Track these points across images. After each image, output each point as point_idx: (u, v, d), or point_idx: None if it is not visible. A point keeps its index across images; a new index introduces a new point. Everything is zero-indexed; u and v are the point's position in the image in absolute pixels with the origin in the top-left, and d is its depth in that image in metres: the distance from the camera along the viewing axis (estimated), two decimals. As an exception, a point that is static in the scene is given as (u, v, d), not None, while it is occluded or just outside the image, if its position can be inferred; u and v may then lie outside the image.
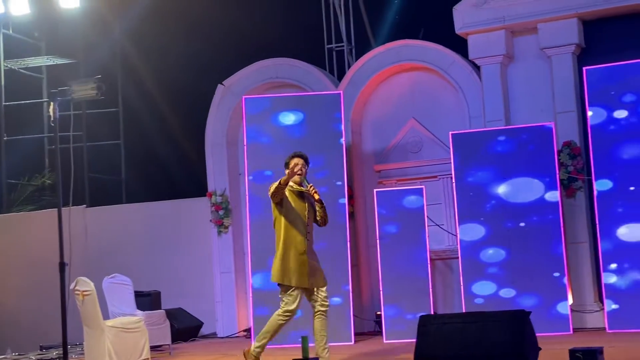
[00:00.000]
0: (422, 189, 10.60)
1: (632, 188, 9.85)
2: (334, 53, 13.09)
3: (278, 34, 13.37)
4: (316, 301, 7.91)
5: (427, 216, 10.57)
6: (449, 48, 11.41)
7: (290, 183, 7.83)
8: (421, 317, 6.80)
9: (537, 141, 10.19)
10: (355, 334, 10.53)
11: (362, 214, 11.81)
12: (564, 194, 10.39)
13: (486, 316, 6.77)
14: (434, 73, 11.57)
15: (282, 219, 7.83)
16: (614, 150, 9.96)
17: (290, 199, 7.82)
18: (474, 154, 10.45)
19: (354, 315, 10.56)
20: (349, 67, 12.44)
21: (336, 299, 10.35)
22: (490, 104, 11.01)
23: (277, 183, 7.67)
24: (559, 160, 10.25)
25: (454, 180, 10.54)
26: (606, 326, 9.89)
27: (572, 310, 10.07)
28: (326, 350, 7.85)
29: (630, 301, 9.76)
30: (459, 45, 11.35)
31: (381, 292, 10.53)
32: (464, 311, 10.09)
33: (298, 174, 7.81)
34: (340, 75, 12.61)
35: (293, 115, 10.95)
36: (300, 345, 7.16)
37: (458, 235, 10.46)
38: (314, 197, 7.83)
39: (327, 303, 7.93)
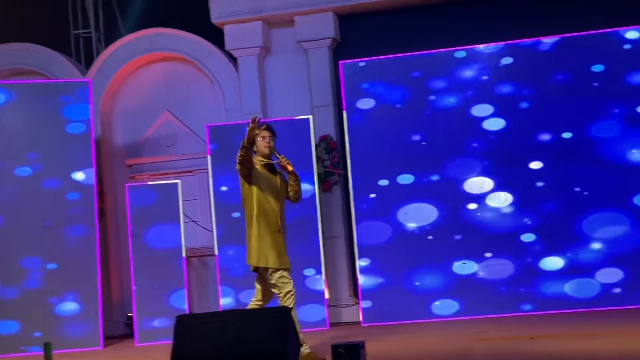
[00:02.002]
0: (177, 184, 10.10)
1: (384, 182, 9.95)
2: (81, 40, 12.28)
3: (19, 17, 12.32)
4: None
5: (183, 212, 10.10)
6: (205, 38, 11.04)
7: (260, 157, 7.05)
8: (178, 317, 6.32)
9: (295, 135, 10.02)
10: (105, 338, 9.84)
11: (112, 211, 11.14)
12: (321, 188, 10.32)
13: (247, 314, 6.44)
14: (190, 64, 11.17)
15: (254, 194, 6.96)
16: (367, 144, 10.02)
17: (260, 172, 7.01)
18: (231, 148, 10.10)
19: (102, 318, 9.85)
20: (98, 55, 11.70)
21: (73, 305, 9.62)
22: (247, 96, 10.76)
23: (240, 149, 6.77)
24: (316, 154, 10.16)
25: (210, 175, 10.14)
26: (361, 320, 9.93)
27: (328, 305, 10.01)
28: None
29: (382, 296, 9.86)
30: (217, 36, 10.99)
31: (133, 293, 9.93)
32: (220, 310, 9.73)
33: (266, 146, 7.04)
34: (88, 63, 11.84)
35: (29, 104, 9.97)
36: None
37: (214, 232, 10.07)
38: (286, 169, 7.04)
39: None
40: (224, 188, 10.02)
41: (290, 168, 7.03)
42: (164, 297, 9.86)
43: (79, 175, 9.86)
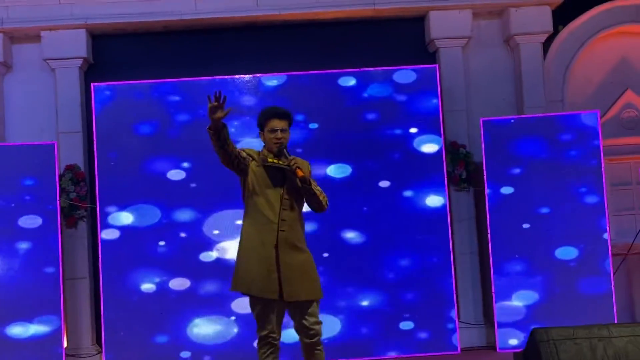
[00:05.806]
0: None
1: (129, 219, 9.05)
2: None
3: None
4: (299, 329, 5.62)
5: None
6: None
7: (266, 153, 5.66)
8: None
9: (37, 163, 8.87)
10: None
11: None
12: (64, 223, 9.21)
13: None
14: None
15: (249, 197, 5.63)
16: (118, 176, 9.04)
17: (262, 172, 5.61)
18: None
19: None
20: None
21: None
22: (-19, 117, 9.47)
23: (211, 138, 5.44)
24: (60, 185, 9.03)
25: None
26: (105, 372, 8.94)
27: (67, 355, 8.89)
28: None
29: (128, 346, 8.90)
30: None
31: None
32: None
33: (276, 143, 5.62)
34: None
35: None
36: None
37: None
38: (296, 175, 5.54)
39: (315, 330, 5.58)
40: None
41: (300, 174, 5.55)
42: None
43: None
